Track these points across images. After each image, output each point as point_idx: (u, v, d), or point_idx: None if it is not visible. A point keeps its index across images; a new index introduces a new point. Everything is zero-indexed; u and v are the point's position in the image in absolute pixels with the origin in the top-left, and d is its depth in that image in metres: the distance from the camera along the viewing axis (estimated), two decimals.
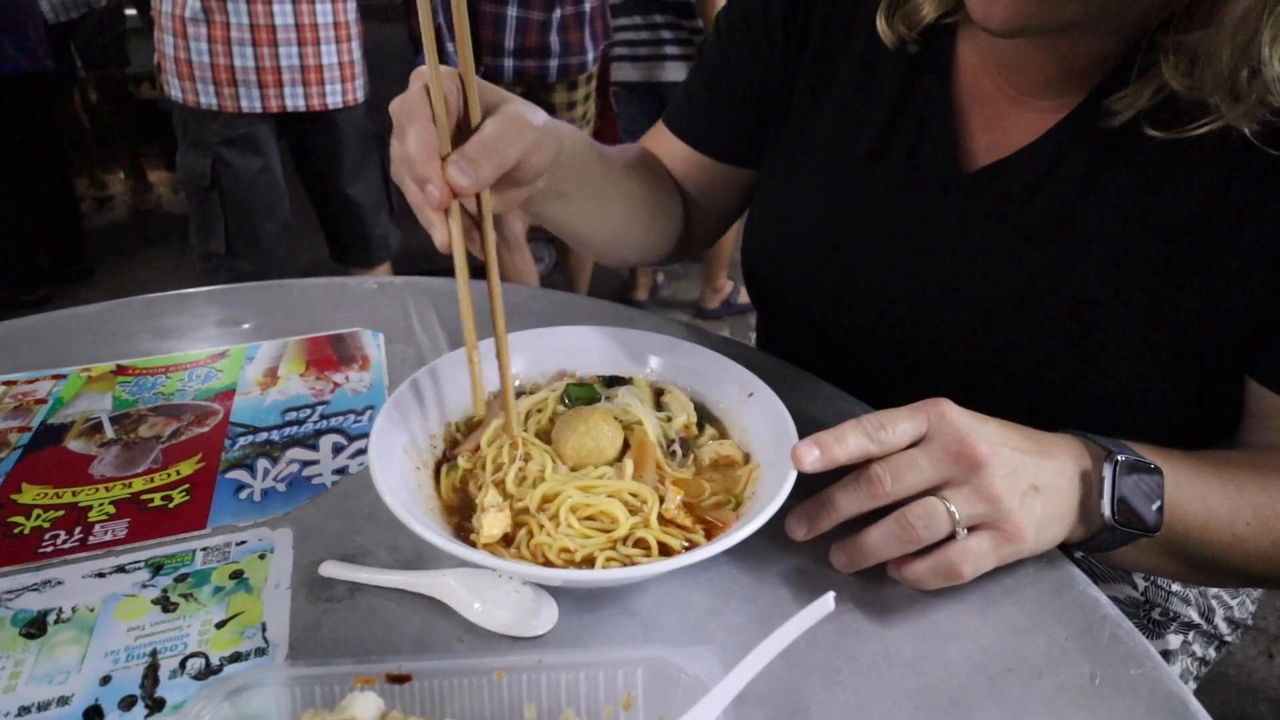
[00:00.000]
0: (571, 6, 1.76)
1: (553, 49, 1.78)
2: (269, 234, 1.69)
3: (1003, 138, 0.55)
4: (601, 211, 0.61)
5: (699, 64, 0.72)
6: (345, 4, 1.64)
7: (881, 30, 0.56)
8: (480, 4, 1.72)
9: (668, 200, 0.70)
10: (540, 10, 1.73)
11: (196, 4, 1.50)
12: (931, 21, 0.55)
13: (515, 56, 1.78)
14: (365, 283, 0.84)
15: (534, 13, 1.74)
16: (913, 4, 0.55)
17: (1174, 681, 0.40)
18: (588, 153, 0.56)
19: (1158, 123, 0.47)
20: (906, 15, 0.55)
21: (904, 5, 0.56)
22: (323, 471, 0.55)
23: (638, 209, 0.66)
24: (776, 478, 0.44)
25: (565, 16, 1.76)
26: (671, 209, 0.71)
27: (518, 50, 1.77)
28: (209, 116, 1.57)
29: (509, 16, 1.74)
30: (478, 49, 1.76)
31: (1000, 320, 0.55)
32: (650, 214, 0.68)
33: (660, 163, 0.73)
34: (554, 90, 1.88)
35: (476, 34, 1.74)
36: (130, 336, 0.72)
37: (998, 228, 0.54)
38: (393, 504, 0.41)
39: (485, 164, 0.40)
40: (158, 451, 0.57)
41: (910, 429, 0.43)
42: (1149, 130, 0.47)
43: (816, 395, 0.63)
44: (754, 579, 0.46)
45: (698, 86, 0.71)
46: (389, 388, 0.65)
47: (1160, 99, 0.46)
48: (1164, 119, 0.47)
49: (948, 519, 0.41)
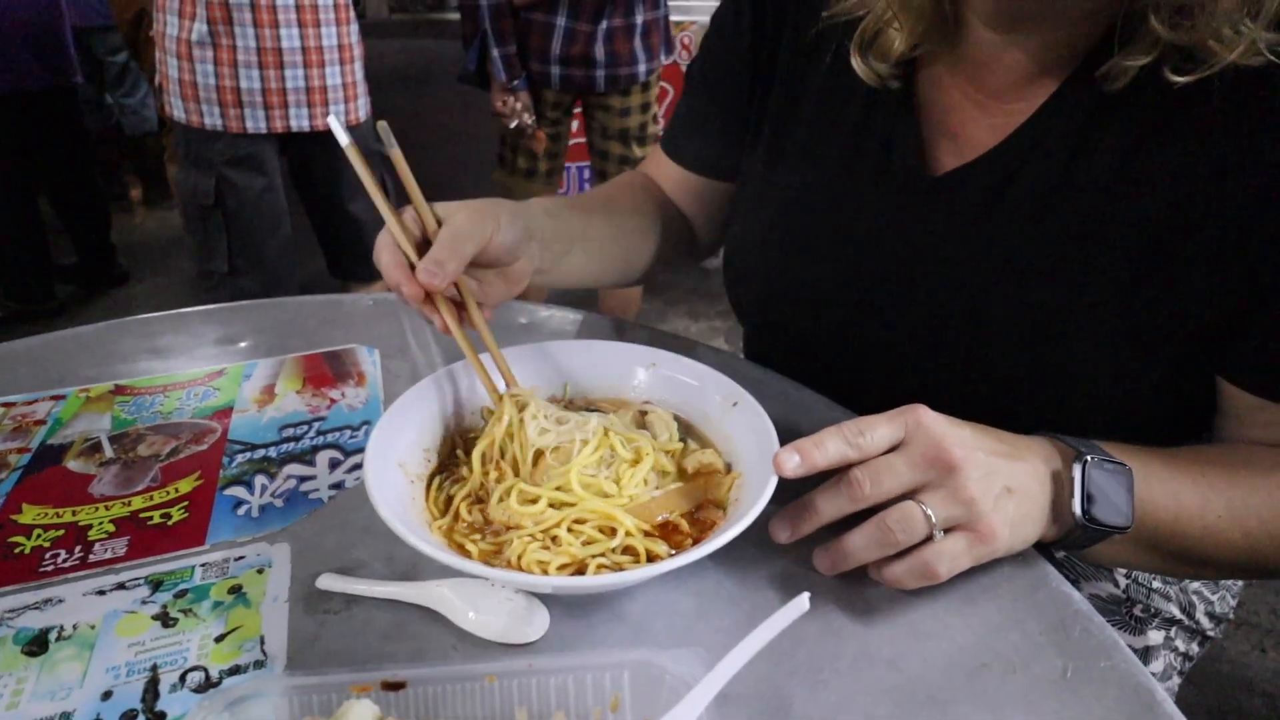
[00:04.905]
0: (621, 19, 1.79)
1: (597, 59, 1.81)
2: (272, 251, 1.71)
3: (968, 142, 0.56)
4: (594, 260, 0.66)
5: (685, 87, 0.75)
6: (349, 26, 1.67)
7: (857, 68, 0.58)
8: (531, 13, 1.76)
9: (657, 222, 0.74)
10: (588, 22, 1.77)
11: (204, 28, 1.52)
12: (903, 53, 0.56)
13: (561, 65, 1.82)
14: (361, 300, 0.85)
15: (582, 24, 1.77)
16: (883, 39, 0.57)
17: (1142, 673, 0.41)
18: (566, 215, 0.63)
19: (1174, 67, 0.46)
20: (878, 51, 0.57)
21: (875, 42, 0.57)
22: (320, 486, 0.57)
23: (631, 248, 0.71)
24: (759, 484, 0.45)
25: (612, 28, 1.79)
26: (662, 229, 0.75)
27: (563, 59, 1.81)
28: (213, 137, 1.59)
29: (558, 26, 1.78)
30: (524, 56, 1.81)
31: (971, 322, 0.56)
32: (641, 247, 0.73)
33: (652, 185, 0.77)
34: (607, 98, 1.91)
35: (524, 43, 1.79)
36: (128, 356, 0.74)
37: (965, 231, 0.56)
38: (388, 517, 0.42)
39: (448, 261, 0.48)
40: (156, 470, 0.58)
41: (888, 434, 0.45)
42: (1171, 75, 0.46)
43: (801, 403, 0.64)
44: (739, 582, 0.47)
45: (684, 109, 0.75)
46: (385, 403, 0.66)
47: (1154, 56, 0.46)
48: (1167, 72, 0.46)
49: (924, 522, 0.43)
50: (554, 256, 0.59)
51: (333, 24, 1.63)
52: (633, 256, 0.72)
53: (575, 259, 0.63)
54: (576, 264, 0.64)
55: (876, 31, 0.57)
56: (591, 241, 0.66)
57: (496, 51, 1.78)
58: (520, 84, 1.83)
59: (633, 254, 0.72)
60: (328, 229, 1.89)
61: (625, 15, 1.80)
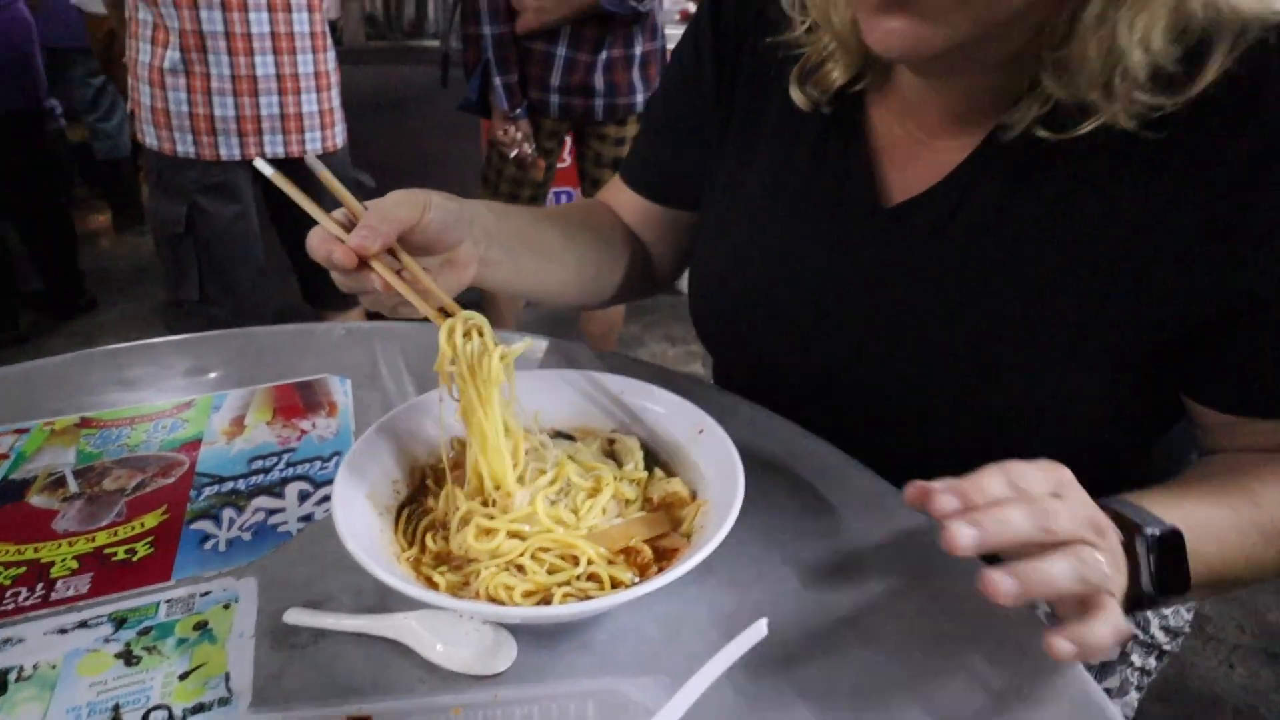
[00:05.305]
0: (620, 50, 1.83)
1: (596, 88, 1.84)
2: (244, 279, 1.69)
3: (914, 177, 0.58)
4: (548, 266, 0.65)
5: (646, 118, 0.77)
6: (325, 54, 1.67)
7: (795, 96, 0.60)
8: (532, 43, 1.80)
9: (617, 248, 0.75)
10: (588, 52, 1.81)
11: (177, 55, 1.50)
12: (842, 85, 0.59)
13: (561, 93, 1.85)
14: (334, 329, 0.85)
15: (582, 54, 1.81)
16: (823, 71, 0.59)
17: (1096, 690, 0.42)
18: (511, 214, 0.62)
19: (1050, 128, 0.50)
20: (818, 81, 0.60)
21: (815, 73, 0.60)
22: (288, 519, 0.57)
23: (585, 259, 0.70)
24: (722, 511, 0.46)
25: (612, 58, 1.83)
26: (621, 255, 0.75)
27: (563, 88, 1.85)
28: (186, 164, 1.58)
29: (558, 55, 1.81)
30: (524, 84, 1.85)
31: (923, 347, 0.58)
32: (599, 262, 0.72)
33: (611, 212, 0.78)
34: (603, 127, 1.94)
35: (524, 71, 1.83)
36: (95, 388, 0.73)
37: (915, 262, 0.58)
38: (355, 550, 0.43)
39: (379, 225, 0.47)
40: (122, 504, 0.58)
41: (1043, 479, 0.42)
42: (1040, 133, 0.50)
43: (768, 429, 0.65)
44: (705, 609, 0.48)
45: (645, 140, 0.77)
46: (356, 433, 0.67)
47: (1048, 109, 0.50)
48: (1054, 125, 0.50)
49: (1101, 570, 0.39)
50: (502, 250, 0.58)
51: (309, 52, 1.63)
52: (589, 269, 0.72)
53: (527, 260, 0.62)
54: (529, 266, 0.63)
55: (819, 63, 0.59)
56: (542, 245, 0.65)
57: (499, 80, 1.80)
58: (522, 113, 1.85)
59: (588, 265, 0.71)
60: (301, 255, 1.87)
61: (625, 46, 1.84)
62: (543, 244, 0.66)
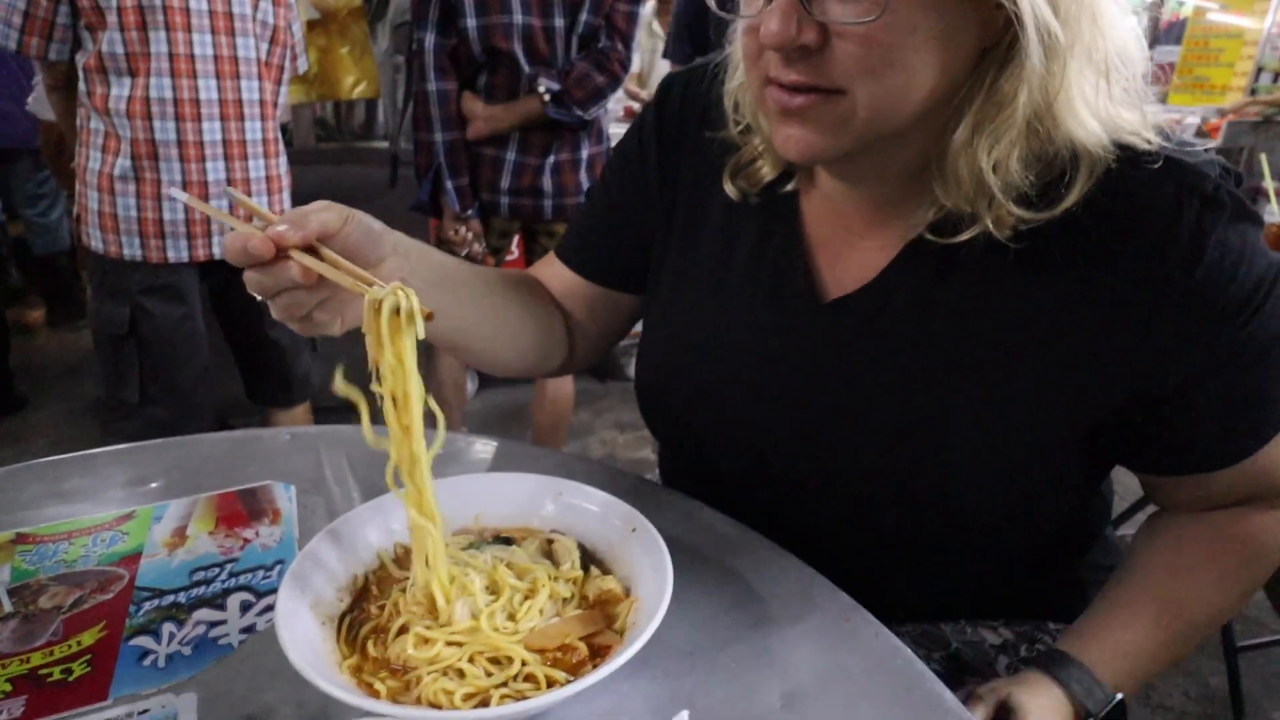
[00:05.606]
0: (568, 154, 1.95)
1: (545, 190, 1.94)
2: (187, 380, 1.67)
3: (844, 274, 0.64)
4: (465, 305, 0.66)
5: (588, 203, 0.81)
6: (278, 160, 1.72)
7: (728, 189, 0.67)
8: (482, 148, 1.89)
9: (548, 319, 0.77)
10: (536, 156, 1.91)
11: (127, 163, 1.53)
12: (772, 181, 0.66)
13: (511, 195, 1.94)
14: (279, 435, 0.87)
15: (530, 158, 1.91)
16: (754, 167, 0.66)
17: None
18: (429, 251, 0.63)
19: (939, 233, 0.57)
20: (748, 176, 0.67)
21: (746, 169, 0.67)
22: (230, 631, 0.57)
23: (522, 323, 0.73)
24: (652, 608, 0.49)
25: (559, 162, 1.94)
26: (552, 328, 0.78)
27: (513, 189, 1.94)
28: (131, 267, 1.58)
29: (508, 160, 1.91)
30: (474, 186, 1.93)
31: (860, 440, 0.62)
32: (533, 329, 0.75)
33: (539, 283, 0.80)
34: (552, 224, 2.03)
35: (475, 174, 1.92)
36: (30, 503, 0.72)
37: (849, 355, 0.63)
38: (296, 660, 0.44)
39: (297, 220, 0.48)
40: (58, 623, 0.58)
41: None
42: (928, 236, 0.57)
43: (702, 523, 0.69)
44: (640, 702, 0.50)
45: (586, 221, 0.80)
46: (300, 541, 0.68)
47: (940, 215, 0.57)
48: (944, 230, 0.57)
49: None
50: (422, 280, 0.58)
51: (260, 157, 1.68)
52: (507, 321, 0.72)
53: (444, 296, 0.62)
54: (446, 302, 0.62)
55: (750, 160, 0.67)
56: (460, 287, 0.66)
57: (450, 184, 1.89)
58: (473, 213, 1.93)
59: (506, 317, 0.71)
60: (246, 353, 1.87)
61: (572, 150, 1.95)
62: (460, 285, 0.66)
